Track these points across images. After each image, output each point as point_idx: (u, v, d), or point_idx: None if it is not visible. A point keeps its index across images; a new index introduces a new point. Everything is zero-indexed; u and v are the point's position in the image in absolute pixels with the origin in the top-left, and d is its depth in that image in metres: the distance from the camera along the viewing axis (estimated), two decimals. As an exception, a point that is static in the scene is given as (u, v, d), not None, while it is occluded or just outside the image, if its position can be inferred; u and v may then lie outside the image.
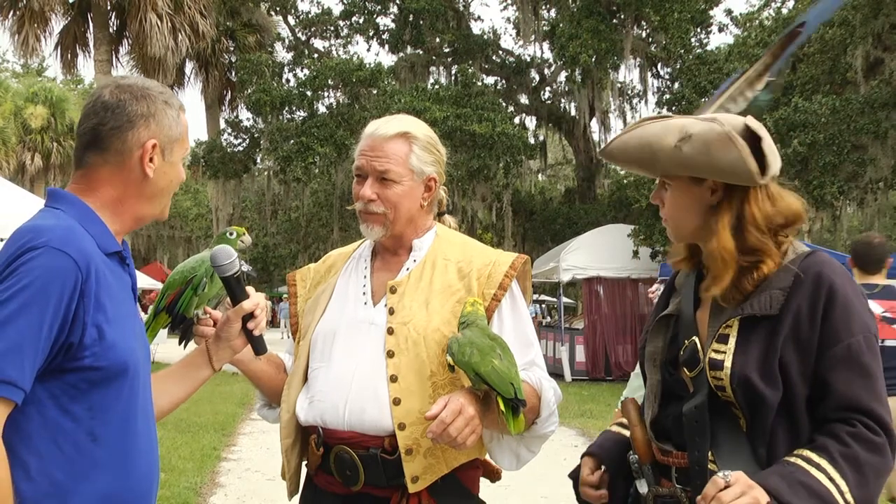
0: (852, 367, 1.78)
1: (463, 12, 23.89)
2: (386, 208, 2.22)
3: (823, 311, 1.80)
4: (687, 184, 1.91)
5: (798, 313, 1.81)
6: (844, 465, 1.73)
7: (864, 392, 1.77)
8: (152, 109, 1.79)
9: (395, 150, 2.23)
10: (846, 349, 1.78)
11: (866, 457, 1.74)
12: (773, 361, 1.80)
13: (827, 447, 1.75)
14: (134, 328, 1.79)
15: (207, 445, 8.96)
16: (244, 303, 2.05)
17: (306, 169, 20.55)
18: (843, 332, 1.79)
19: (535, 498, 6.91)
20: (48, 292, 1.58)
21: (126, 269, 1.83)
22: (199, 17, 20.47)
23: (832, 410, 1.79)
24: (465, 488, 2.19)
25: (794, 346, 1.81)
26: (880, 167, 14.88)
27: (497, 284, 2.22)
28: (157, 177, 1.81)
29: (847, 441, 1.75)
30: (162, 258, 38.01)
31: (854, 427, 1.76)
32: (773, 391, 1.80)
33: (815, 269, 1.83)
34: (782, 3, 20.22)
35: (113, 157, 1.78)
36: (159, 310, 2.20)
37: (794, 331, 1.81)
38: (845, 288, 1.82)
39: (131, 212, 1.82)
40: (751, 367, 1.81)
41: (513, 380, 1.99)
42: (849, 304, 1.81)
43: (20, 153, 30.44)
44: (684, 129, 1.86)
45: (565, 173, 33.33)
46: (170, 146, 1.82)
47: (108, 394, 1.69)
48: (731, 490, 1.68)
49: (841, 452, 1.74)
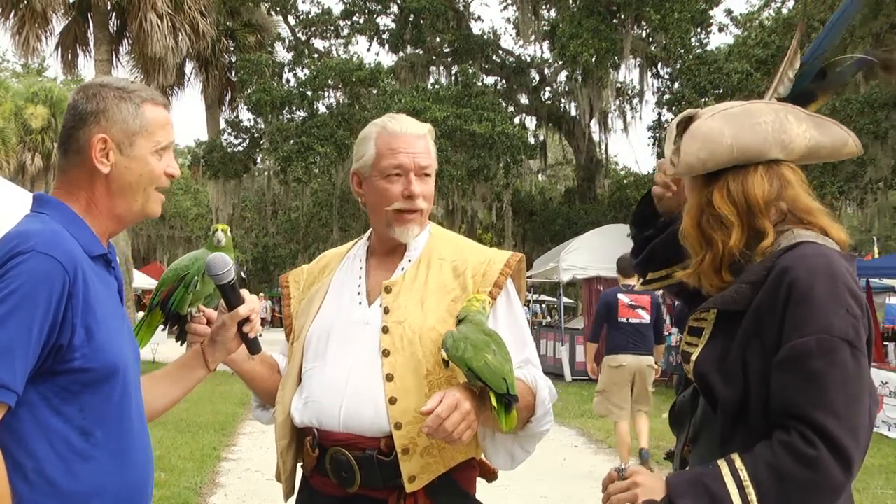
0: (794, 370, 1.64)
1: (463, 12, 23.90)
2: (427, 204, 2.26)
3: (782, 309, 1.67)
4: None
5: (761, 310, 1.70)
6: (765, 474, 1.62)
7: (802, 398, 1.62)
8: (101, 105, 1.78)
9: (429, 146, 2.27)
10: (789, 351, 1.65)
11: (792, 468, 1.60)
12: (733, 358, 1.72)
13: (755, 453, 1.65)
14: (122, 330, 1.80)
15: (207, 445, 8.96)
16: (239, 309, 2.06)
17: (307, 169, 20.56)
18: (792, 332, 1.65)
19: (535, 498, 6.91)
20: (37, 296, 1.60)
21: (112, 273, 1.83)
22: (199, 17, 20.44)
23: (775, 416, 1.66)
24: (461, 488, 2.18)
25: (758, 345, 1.70)
26: (880, 167, 14.89)
27: (492, 283, 2.21)
28: (118, 172, 1.79)
29: (776, 450, 1.62)
30: (162, 258, 38.01)
31: (788, 435, 1.62)
32: (729, 389, 1.72)
33: (785, 263, 1.70)
34: (782, 3, 20.20)
35: (73, 157, 1.79)
36: (153, 306, 2.21)
37: (757, 330, 1.71)
38: (811, 284, 1.66)
39: (106, 211, 1.81)
40: (710, 363, 1.76)
41: (505, 375, 1.98)
42: (807, 302, 1.65)
43: (20, 153, 30.45)
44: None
45: (565, 173, 33.35)
46: (128, 140, 1.79)
47: (99, 395, 1.70)
48: (618, 483, 1.71)
49: (765, 460, 1.63)
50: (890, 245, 34.47)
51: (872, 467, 8.05)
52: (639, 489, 1.68)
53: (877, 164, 14.79)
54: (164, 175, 1.86)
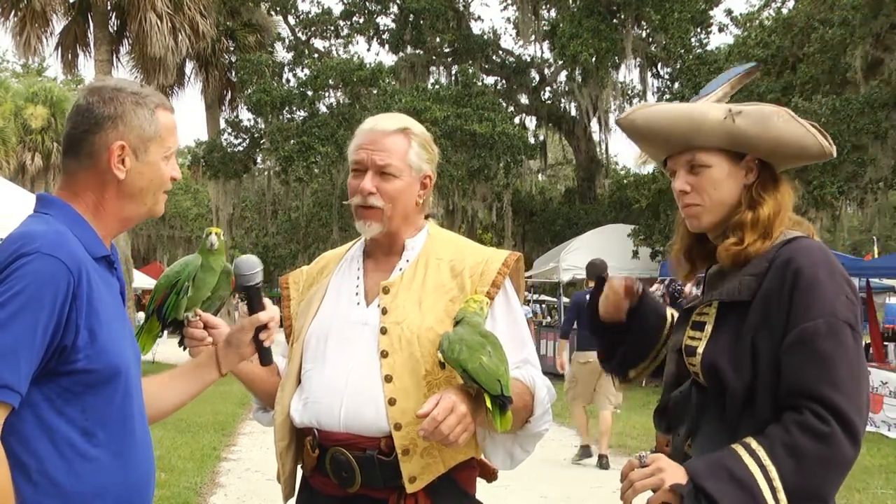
0: (805, 351, 1.74)
1: (463, 12, 23.89)
2: (385, 202, 2.22)
3: (788, 295, 1.79)
4: (727, 162, 1.96)
5: (767, 299, 1.81)
6: (781, 452, 1.70)
7: (814, 378, 1.72)
8: (120, 110, 1.78)
9: (396, 144, 2.23)
10: (799, 333, 1.76)
11: (808, 445, 1.69)
12: (743, 348, 1.81)
13: (769, 434, 1.73)
14: (124, 331, 1.80)
15: (207, 445, 8.96)
16: (260, 314, 2.08)
17: (308, 169, 20.56)
18: (800, 316, 1.76)
19: (535, 498, 6.91)
20: (41, 297, 1.60)
21: (114, 274, 1.84)
22: (199, 17, 20.44)
23: (785, 397, 1.77)
24: (461, 489, 2.18)
25: (766, 332, 1.80)
26: (880, 167, 14.87)
27: (490, 282, 2.21)
28: (132, 178, 1.80)
29: (790, 429, 1.71)
30: (162, 258, 38.00)
31: (801, 414, 1.72)
32: (740, 378, 1.80)
33: (787, 255, 1.83)
34: (782, 3, 20.20)
35: (86, 160, 1.78)
36: (149, 314, 2.22)
37: (764, 317, 1.81)
38: (814, 271, 1.79)
39: (113, 214, 1.82)
40: (720, 354, 1.83)
41: (500, 377, 1.98)
42: (813, 288, 1.77)
43: (20, 153, 30.45)
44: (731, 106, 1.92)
45: (565, 173, 33.34)
46: (143, 146, 1.80)
47: (102, 396, 1.71)
48: (641, 469, 1.72)
49: (781, 440, 1.71)
50: (890, 245, 34.47)
51: (872, 467, 8.05)
52: (664, 474, 1.71)
53: (877, 164, 14.76)
54: (170, 179, 1.88)
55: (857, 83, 15.50)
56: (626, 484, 1.76)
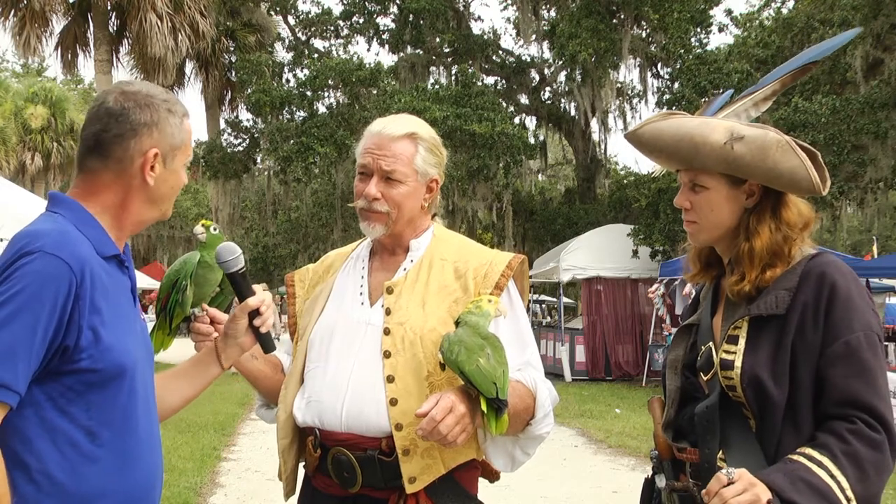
0: (851, 363, 1.81)
1: (463, 12, 23.89)
2: (389, 208, 2.22)
3: (826, 309, 1.85)
4: (726, 185, 1.97)
5: (803, 312, 1.86)
6: (845, 461, 1.76)
7: (863, 388, 1.80)
8: (155, 118, 1.79)
9: (402, 150, 2.23)
10: (844, 346, 1.82)
11: (866, 453, 1.76)
12: (782, 360, 1.85)
13: (828, 444, 1.78)
14: (133, 330, 1.79)
15: (207, 445, 8.96)
16: (249, 299, 2.05)
17: (307, 169, 20.55)
18: (843, 329, 1.83)
19: (535, 498, 6.91)
20: (42, 296, 1.60)
21: (125, 272, 1.83)
22: (199, 17, 20.47)
23: (832, 407, 1.82)
24: (463, 489, 2.18)
25: (801, 345, 1.85)
26: (880, 167, 14.89)
27: (493, 284, 2.21)
28: (157, 184, 1.81)
29: (847, 438, 1.78)
30: (162, 258, 37.98)
31: (854, 424, 1.78)
32: (781, 390, 1.84)
33: (819, 269, 1.89)
34: (782, 3, 20.22)
35: (114, 164, 1.78)
36: (158, 313, 2.24)
37: (799, 330, 1.86)
38: (848, 286, 1.86)
39: (133, 217, 1.83)
40: (760, 367, 1.86)
41: (496, 380, 1.97)
42: (850, 301, 1.85)
43: (20, 153, 30.46)
44: (734, 129, 1.93)
45: (565, 173, 33.31)
46: (171, 154, 1.82)
47: (105, 395, 1.70)
48: (733, 487, 1.72)
49: (842, 449, 1.77)
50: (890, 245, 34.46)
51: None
52: (757, 489, 1.72)
53: (877, 164, 14.78)
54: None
55: (857, 83, 15.51)
56: (717, 500, 1.73)
